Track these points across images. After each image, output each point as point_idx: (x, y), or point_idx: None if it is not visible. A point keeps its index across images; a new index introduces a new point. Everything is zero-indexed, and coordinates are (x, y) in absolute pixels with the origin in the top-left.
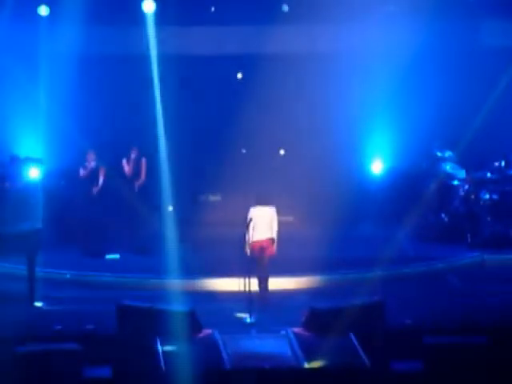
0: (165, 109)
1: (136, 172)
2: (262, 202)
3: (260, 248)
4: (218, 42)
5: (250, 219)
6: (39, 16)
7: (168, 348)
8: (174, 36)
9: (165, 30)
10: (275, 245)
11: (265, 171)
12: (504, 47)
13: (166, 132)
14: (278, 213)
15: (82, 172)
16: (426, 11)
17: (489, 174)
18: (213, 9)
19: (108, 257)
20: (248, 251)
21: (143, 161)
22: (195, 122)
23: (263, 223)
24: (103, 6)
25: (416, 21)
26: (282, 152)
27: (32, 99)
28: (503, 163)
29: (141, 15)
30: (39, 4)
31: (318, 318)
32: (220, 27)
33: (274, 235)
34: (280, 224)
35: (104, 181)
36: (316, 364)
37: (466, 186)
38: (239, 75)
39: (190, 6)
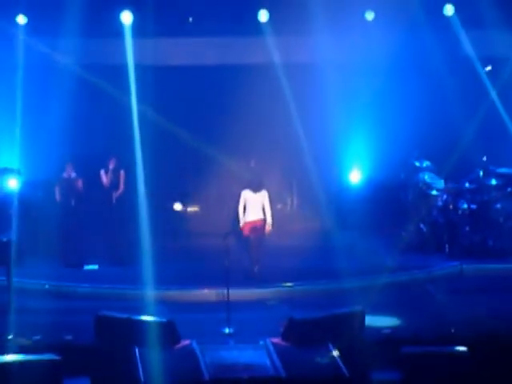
0: (142, 120)
1: (114, 183)
2: (253, 187)
3: (252, 228)
4: (195, 53)
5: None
6: (16, 25)
7: (146, 359)
8: (152, 47)
9: (143, 41)
10: (269, 226)
11: (243, 181)
12: (483, 58)
13: (143, 143)
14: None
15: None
16: (405, 22)
17: (467, 184)
18: (190, 20)
19: (86, 267)
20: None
21: (121, 172)
22: (173, 133)
23: (255, 205)
24: (81, 17)
25: (394, 31)
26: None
27: (9, 110)
28: (481, 173)
29: (119, 26)
30: (17, 13)
31: (297, 328)
32: (198, 38)
33: (267, 217)
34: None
35: (82, 191)
36: (295, 374)
37: (445, 196)
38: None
39: (168, 17)
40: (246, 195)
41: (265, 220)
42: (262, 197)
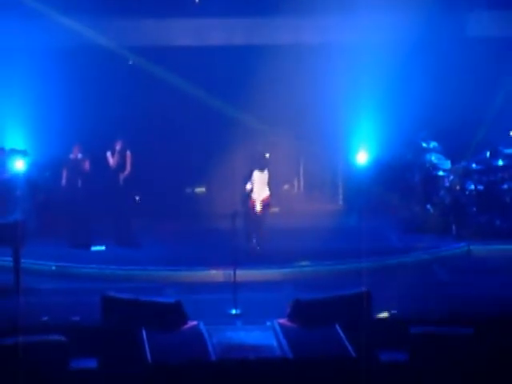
0: (149, 101)
1: (121, 164)
2: (260, 167)
3: (262, 206)
4: (202, 34)
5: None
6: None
7: (153, 340)
8: (159, 28)
9: (149, 22)
10: None
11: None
12: (490, 37)
13: (150, 124)
14: None
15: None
16: (412, 3)
17: (474, 165)
18: (197, 0)
19: (93, 248)
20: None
21: (128, 153)
22: (180, 115)
23: (263, 184)
24: None
25: (402, 12)
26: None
27: (16, 91)
28: (488, 154)
29: (125, 6)
30: None
31: (304, 309)
32: (204, 19)
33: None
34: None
35: (89, 172)
36: (302, 355)
37: (452, 177)
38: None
39: None
40: (256, 175)
41: (270, 196)
42: (266, 174)
